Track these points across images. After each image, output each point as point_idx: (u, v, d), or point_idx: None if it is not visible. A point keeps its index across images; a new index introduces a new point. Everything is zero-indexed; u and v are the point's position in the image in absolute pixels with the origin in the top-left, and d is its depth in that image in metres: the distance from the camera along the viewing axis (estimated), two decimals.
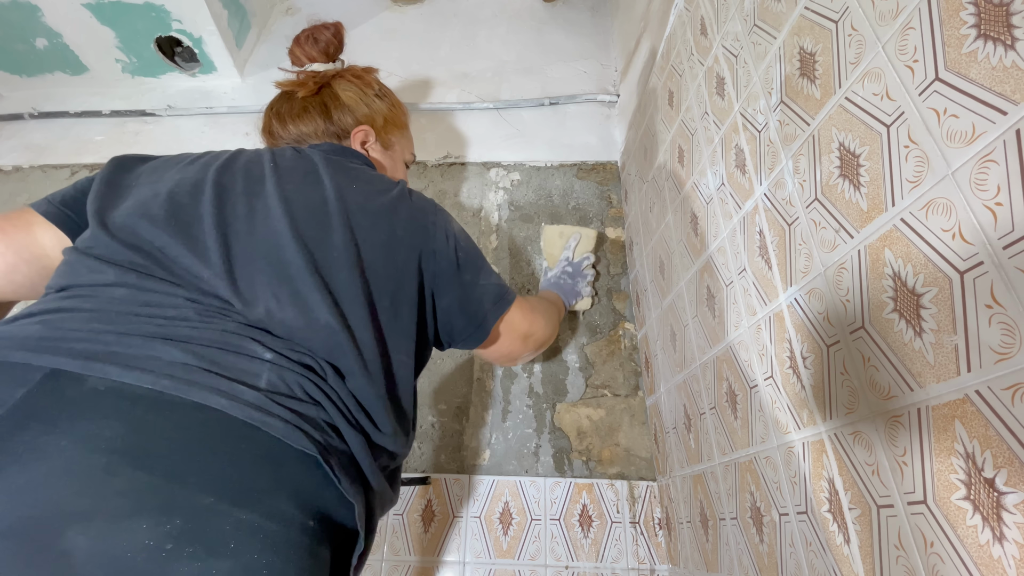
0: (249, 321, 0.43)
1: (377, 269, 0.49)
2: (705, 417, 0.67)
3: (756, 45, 0.52)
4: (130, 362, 0.37)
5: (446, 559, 0.84)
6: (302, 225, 0.48)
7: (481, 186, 1.18)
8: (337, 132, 0.66)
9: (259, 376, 0.40)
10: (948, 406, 0.30)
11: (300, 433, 0.38)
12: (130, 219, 0.46)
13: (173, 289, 0.43)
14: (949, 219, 0.30)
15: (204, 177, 0.50)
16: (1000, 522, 0.28)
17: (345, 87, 0.68)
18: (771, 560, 0.51)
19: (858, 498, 0.38)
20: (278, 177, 0.52)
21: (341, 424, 0.42)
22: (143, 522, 0.31)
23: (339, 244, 0.48)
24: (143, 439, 0.34)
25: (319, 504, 0.39)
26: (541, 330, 0.67)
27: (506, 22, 1.48)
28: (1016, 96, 0.26)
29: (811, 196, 0.43)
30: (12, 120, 1.38)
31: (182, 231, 0.46)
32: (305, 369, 0.43)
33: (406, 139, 0.76)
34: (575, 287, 0.95)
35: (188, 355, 0.38)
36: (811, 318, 0.43)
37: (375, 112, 0.69)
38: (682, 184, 0.73)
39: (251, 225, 0.47)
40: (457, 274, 0.55)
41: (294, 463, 0.38)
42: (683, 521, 0.75)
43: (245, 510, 0.34)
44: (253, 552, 0.33)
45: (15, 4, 1.22)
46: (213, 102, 1.37)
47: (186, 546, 0.31)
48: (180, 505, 0.32)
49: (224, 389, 0.37)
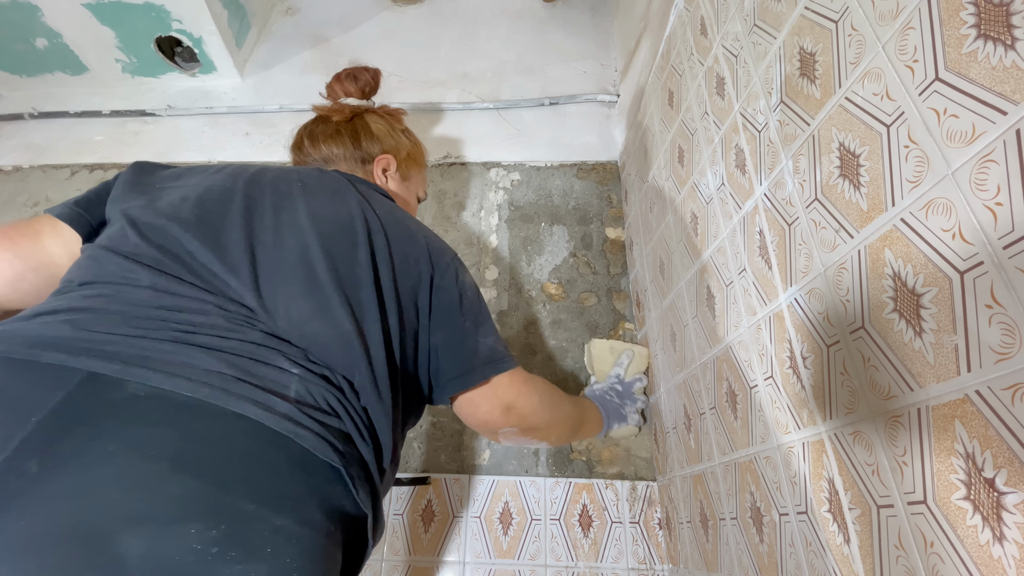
0: (273, 331, 0.44)
1: (391, 292, 0.50)
2: (705, 417, 0.67)
3: (756, 45, 0.52)
4: (166, 368, 0.38)
5: (446, 559, 0.84)
6: (328, 240, 0.49)
7: (481, 186, 1.18)
8: (363, 157, 0.70)
9: (288, 387, 0.41)
10: (948, 406, 0.30)
11: (327, 445, 0.40)
12: (160, 220, 0.47)
13: (202, 295, 0.44)
14: (949, 219, 0.30)
15: (234, 187, 0.52)
16: (1000, 522, 0.28)
17: (375, 120, 0.74)
18: (771, 560, 0.51)
19: (858, 498, 0.38)
20: (306, 193, 0.54)
21: (356, 438, 0.44)
22: (192, 527, 0.32)
23: (362, 262, 0.49)
24: (190, 446, 0.35)
25: (340, 512, 0.41)
26: (532, 411, 0.60)
27: (506, 22, 1.48)
28: (1016, 96, 0.26)
29: (811, 196, 0.43)
30: (12, 120, 1.38)
31: (211, 237, 0.47)
32: (326, 382, 0.44)
33: (422, 177, 0.81)
34: (621, 409, 0.85)
35: (222, 364, 0.39)
36: (811, 318, 0.43)
37: (400, 146, 0.74)
38: (682, 184, 0.73)
39: (278, 237, 0.49)
40: (456, 315, 0.55)
41: (321, 473, 0.40)
42: (683, 521, 0.75)
43: (281, 516, 0.36)
44: (287, 556, 0.35)
45: (15, 4, 1.22)
46: (213, 102, 1.37)
47: (230, 550, 0.32)
48: (226, 510, 0.34)
49: (259, 400, 0.39)
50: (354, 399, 0.45)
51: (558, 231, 1.11)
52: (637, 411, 0.87)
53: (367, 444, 0.44)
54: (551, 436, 0.67)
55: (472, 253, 1.10)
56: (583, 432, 0.76)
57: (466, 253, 1.10)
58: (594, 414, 0.80)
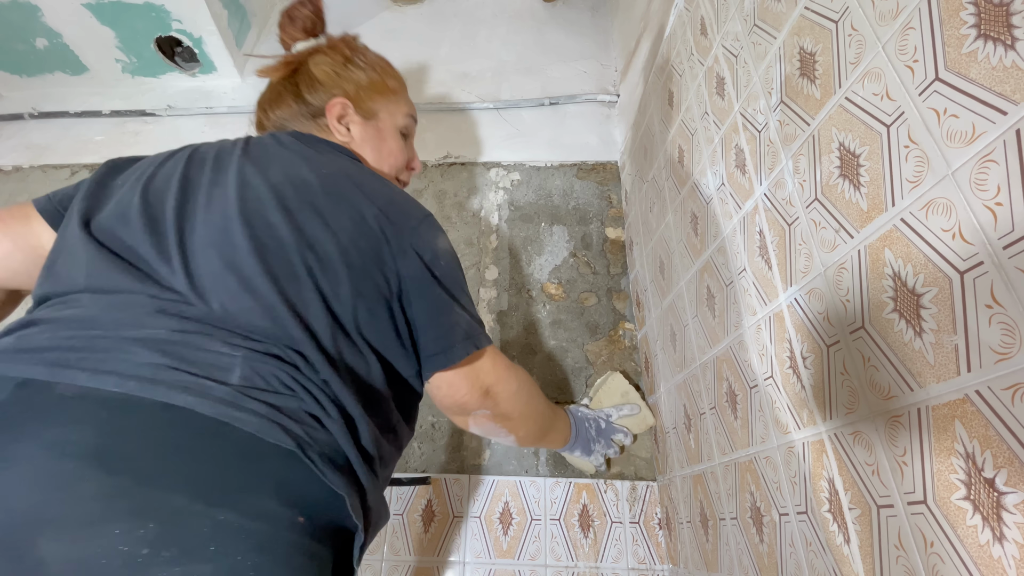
0: (208, 314, 0.43)
1: (334, 257, 0.46)
2: (705, 417, 0.67)
3: (756, 45, 0.52)
4: (98, 366, 0.37)
5: (446, 559, 0.84)
6: (250, 209, 0.46)
7: (481, 186, 1.18)
8: (311, 112, 0.62)
9: (230, 370, 0.39)
10: (948, 406, 0.30)
11: (276, 427, 0.37)
12: (109, 221, 0.47)
13: (139, 287, 0.43)
14: (949, 219, 0.30)
15: (174, 170, 0.50)
16: (1000, 522, 0.27)
17: (318, 62, 0.64)
18: (771, 560, 0.51)
19: (858, 498, 0.38)
20: (242, 164, 0.51)
21: (320, 414, 0.41)
22: (115, 527, 0.31)
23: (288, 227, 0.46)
24: (110, 442, 0.34)
25: (308, 499, 0.38)
26: (509, 397, 0.58)
27: (506, 22, 1.48)
28: (1016, 96, 0.26)
29: (811, 196, 0.43)
30: (12, 120, 1.38)
31: (150, 227, 0.46)
32: (276, 360, 0.42)
33: (395, 105, 0.68)
34: (591, 443, 0.82)
35: (156, 354, 0.38)
36: (811, 318, 0.43)
37: (349, 82, 0.64)
38: (682, 184, 0.73)
39: (207, 215, 0.47)
40: (429, 284, 0.50)
41: (274, 458, 0.37)
42: (683, 521, 0.75)
43: (223, 510, 0.33)
44: (236, 554, 0.33)
45: (15, 4, 1.22)
46: (213, 102, 1.37)
47: (162, 550, 0.31)
48: (153, 508, 0.32)
49: (191, 386, 0.37)
50: (312, 373, 0.42)
51: (558, 231, 1.11)
52: (604, 456, 0.84)
53: (336, 420, 0.42)
54: (520, 429, 0.64)
55: (472, 253, 1.10)
56: (548, 438, 0.74)
57: (466, 253, 1.10)
58: (564, 427, 0.77)
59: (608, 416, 0.85)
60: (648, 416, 0.87)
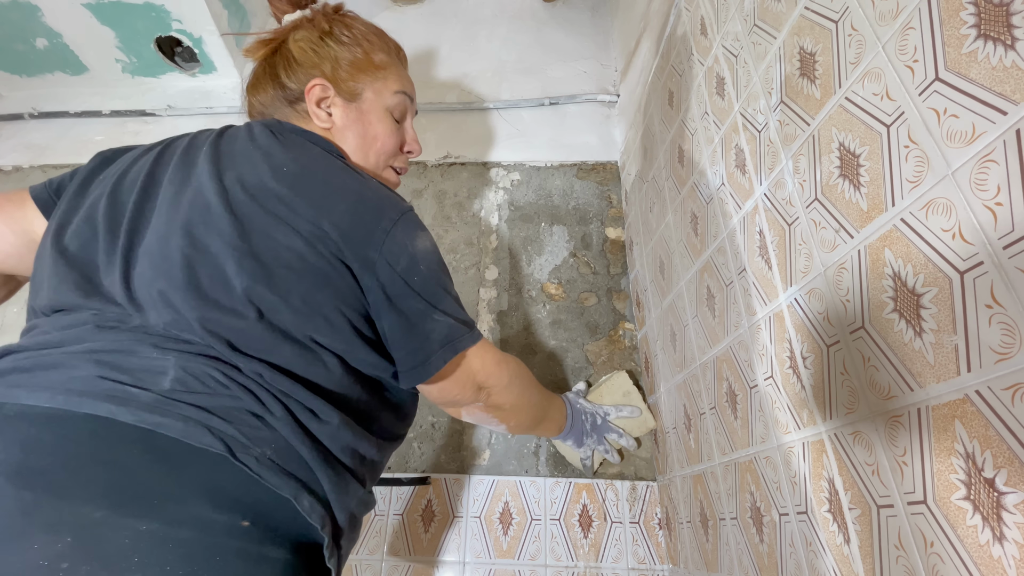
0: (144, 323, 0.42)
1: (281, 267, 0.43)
2: (705, 417, 0.67)
3: (756, 45, 0.52)
4: (38, 382, 0.37)
5: (446, 559, 0.84)
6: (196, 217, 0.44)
7: (481, 186, 1.18)
8: (289, 97, 0.57)
9: (164, 374, 0.39)
10: (948, 406, 0.30)
11: (202, 429, 0.36)
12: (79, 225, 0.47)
13: (85, 302, 0.43)
14: (949, 219, 0.30)
15: (141, 169, 0.49)
16: (1000, 522, 0.27)
17: (298, 38, 0.58)
18: (771, 560, 0.51)
19: (858, 498, 0.38)
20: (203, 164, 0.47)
21: (262, 411, 0.40)
22: (34, 542, 0.30)
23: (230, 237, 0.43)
24: (31, 458, 0.33)
25: (249, 502, 0.37)
26: (501, 390, 0.57)
27: (506, 22, 1.48)
28: (1016, 96, 0.26)
29: (811, 196, 0.43)
30: (12, 120, 1.38)
31: (110, 235, 0.45)
32: (211, 359, 0.41)
33: (383, 82, 0.60)
34: (584, 436, 0.81)
35: (92, 365, 0.38)
36: (811, 318, 0.43)
37: (327, 60, 0.57)
38: (682, 184, 0.73)
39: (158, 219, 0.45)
40: (402, 297, 0.47)
41: (204, 463, 0.36)
42: (683, 521, 0.75)
43: (144, 520, 0.33)
44: (164, 564, 0.32)
45: (15, 4, 1.22)
46: (213, 102, 1.37)
47: (82, 564, 0.30)
48: (67, 522, 0.31)
49: (117, 395, 0.36)
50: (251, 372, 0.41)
51: (558, 231, 1.11)
52: (591, 450, 0.83)
53: (281, 418, 0.40)
54: (512, 419, 0.63)
55: (472, 253, 1.10)
56: (542, 427, 0.73)
57: (466, 253, 1.10)
58: (559, 416, 0.76)
59: (606, 414, 0.84)
60: (648, 419, 0.87)
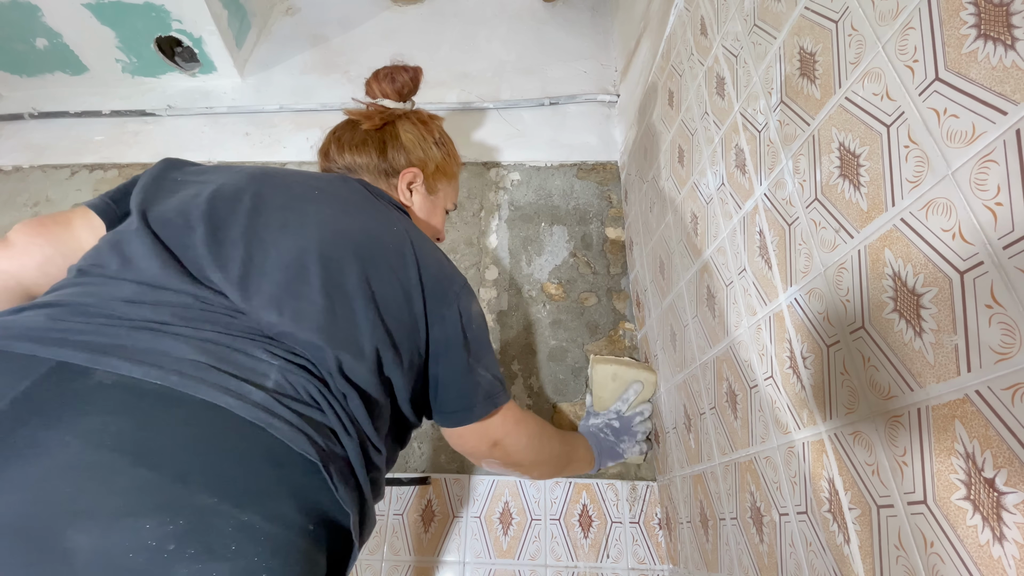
0: (256, 326, 0.44)
1: (391, 311, 0.50)
2: (705, 417, 0.67)
3: (756, 45, 0.52)
4: (138, 356, 0.37)
5: (446, 559, 0.84)
6: (329, 248, 0.49)
7: (481, 186, 1.18)
8: (387, 170, 0.67)
9: (267, 376, 0.40)
10: (948, 406, 0.30)
11: (303, 437, 0.38)
12: (169, 215, 0.48)
13: (187, 287, 0.43)
14: (949, 219, 0.30)
15: (247, 186, 0.52)
16: (1000, 522, 0.28)
17: (407, 128, 0.70)
18: (771, 560, 0.51)
19: (858, 498, 0.38)
20: (320, 200, 0.54)
21: (340, 432, 0.42)
22: (146, 522, 0.31)
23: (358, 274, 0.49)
24: (148, 435, 0.34)
25: (319, 510, 0.39)
26: (518, 450, 0.62)
27: (506, 22, 1.48)
28: (1016, 96, 0.26)
29: (811, 196, 0.43)
30: (12, 120, 1.38)
31: (211, 233, 0.47)
32: (307, 372, 0.43)
33: (452, 188, 0.77)
34: (616, 447, 0.83)
35: (197, 352, 0.38)
36: (811, 318, 0.43)
37: (429, 158, 0.70)
38: (682, 184, 0.73)
39: (280, 237, 0.49)
40: (459, 348, 0.55)
41: (295, 466, 0.38)
42: (683, 521, 0.75)
43: (247, 511, 0.34)
44: (253, 555, 0.33)
45: (15, 4, 1.22)
46: (213, 102, 1.37)
47: (188, 547, 0.31)
48: (184, 505, 0.32)
49: (232, 388, 0.37)
50: (338, 393, 0.44)
51: (558, 231, 1.11)
52: (638, 443, 0.85)
53: (352, 439, 0.43)
54: (534, 472, 0.69)
55: (472, 253, 1.10)
56: (571, 470, 0.76)
57: (466, 253, 1.10)
58: (585, 452, 0.79)
59: (618, 412, 0.86)
60: (649, 377, 0.87)
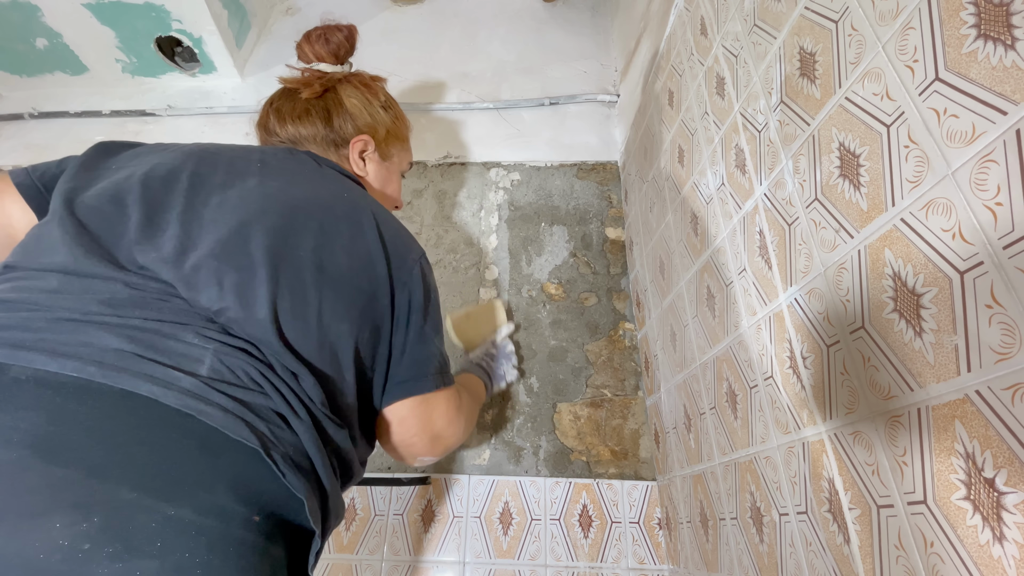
0: (192, 306, 0.42)
1: (346, 280, 0.47)
2: (705, 417, 0.67)
3: (756, 45, 0.52)
4: (59, 349, 0.35)
5: (446, 559, 0.84)
6: (272, 220, 0.46)
7: (481, 186, 1.18)
8: (335, 139, 0.64)
9: (200, 362, 0.38)
10: (948, 406, 0.30)
11: (240, 423, 0.36)
12: (97, 201, 0.45)
13: (115, 273, 0.41)
14: (949, 219, 0.30)
15: (183, 165, 0.49)
16: (1000, 522, 0.28)
17: (351, 93, 0.66)
18: (771, 560, 0.51)
19: (858, 498, 0.38)
20: (263, 173, 0.51)
21: (288, 414, 0.40)
22: (56, 520, 0.29)
23: (307, 246, 0.46)
24: (62, 430, 0.32)
25: (266, 499, 0.37)
26: (454, 438, 0.59)
27: (506, 22, 1.48)
28: (1016, 96, 0.26)
29: (811, 196, 0.43)
30: (12, 120, 1.38)
31: (145, 215, 0.44)
32: (247, 355, 0.41)
33: (405, 151, 0.75)
34: (498, 370, 0.90)
35: (122, 340, 0.36)
36: (811, 318, 0.43)
37: (378, 123, 0.67)
38: (682, 184, 0.73)
39: (220, 214, 0.46)
40: (418, 316, 0.53)
41: (234, 454, 0.36)
42: (683, 521, 0.75)
43: (174, 505, 0.32)
44: (184, 551, 0.31)
45: (15, 4, 1.22)
46: (213, 102, 1.37)
47: (105, 545, 0.30)
48: (99, 501, 0.31)
49: (158, 376, 0.36)
50: (285, 373, 0.42)
51: (558, 231, 1.11)
52: (514, 366, 0.92)
53: (303, 421, 0.41)
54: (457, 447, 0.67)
55: (472, 253, 1.10)
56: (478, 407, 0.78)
57: (466, 253, 1.10)
58: (480, 388, 0.82)
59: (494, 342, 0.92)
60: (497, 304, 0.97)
